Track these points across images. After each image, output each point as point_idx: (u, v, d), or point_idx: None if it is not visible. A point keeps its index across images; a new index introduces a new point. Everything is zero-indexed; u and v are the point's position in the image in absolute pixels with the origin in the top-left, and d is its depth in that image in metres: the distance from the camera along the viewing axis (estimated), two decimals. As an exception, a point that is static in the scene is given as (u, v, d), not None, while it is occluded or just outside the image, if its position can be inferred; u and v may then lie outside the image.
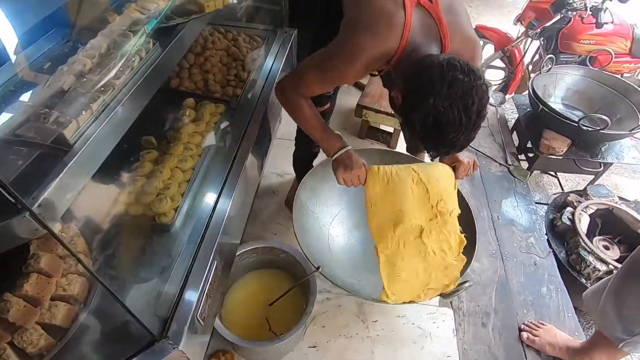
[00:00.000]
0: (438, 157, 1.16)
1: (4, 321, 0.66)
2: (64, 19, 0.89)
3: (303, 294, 1.26)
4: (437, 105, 0.73)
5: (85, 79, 0.80)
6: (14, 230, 0.57)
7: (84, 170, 0.69)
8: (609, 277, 1.18)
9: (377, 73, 1.05)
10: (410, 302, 1.08)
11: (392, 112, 1.83)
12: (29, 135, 0.66)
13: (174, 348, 0.70)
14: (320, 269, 1.12)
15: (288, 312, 1.22)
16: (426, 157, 1.81)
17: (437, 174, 1.09)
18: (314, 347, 1.29)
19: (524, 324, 1.40)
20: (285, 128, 2.05)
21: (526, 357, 1.34)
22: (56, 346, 0.69)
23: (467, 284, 1.10)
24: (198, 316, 0.77)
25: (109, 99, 0.77)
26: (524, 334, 1.37)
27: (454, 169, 1.13)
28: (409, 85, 0.81)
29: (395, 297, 1.05)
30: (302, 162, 1.60)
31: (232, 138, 1.11)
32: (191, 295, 0.77)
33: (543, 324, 1.39)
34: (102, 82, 0.81)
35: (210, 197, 0.95)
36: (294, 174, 1.74)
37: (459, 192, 1.35)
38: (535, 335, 1.35)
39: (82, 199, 0.78)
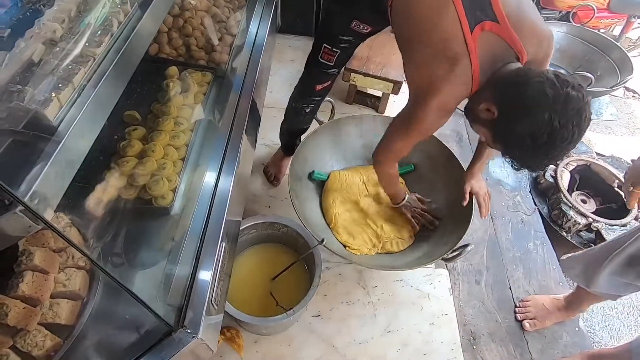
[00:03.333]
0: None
1: (2, 326, 0.60)
2: (16, -23, 0.75)
3: (305, 266, 1.26)
4: (553, 121, 0.72)
5: (57, 48, 0.69)
6: (3, 229, 0.50)
7: (74, 154, 0.61)
8: (583, 251, 1.25)
9: None
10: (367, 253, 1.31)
11: (381, 76, 1.77)
12: (2, 118, 0.57)
13: (193, 337, 0.67)
14: (324, 242, 1.11)
15: (291, 285, 1.22)
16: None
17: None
18: (318, 315, 1.30)
19: (516, 310, 1.41)
20: (271, 96, 1.95)
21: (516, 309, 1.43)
22: (64, 345, 0.65)
23: (469, 248, 1.13)
24: (212, 301, 0.74)
25: (91, 71, 0.67)
26: (526, 324, 1.37)
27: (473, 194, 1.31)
28: (509, 100, 0.79)
29: (357, 250, 1.30)
30: (288, 133, 1.54)
31: (225, 109, 1.03)
32: (204, 280, 0.74)
33: (526, 300, 1.42)
34: (78, 51, 0.71)
35: (209, 175, 0.88)
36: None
37: (454, 157, 1.37)
38: (532, 318, 1.36)
39: (70, 185, 0.71)
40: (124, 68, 0.73)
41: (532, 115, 0.74)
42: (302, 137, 1.49)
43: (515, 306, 1.42)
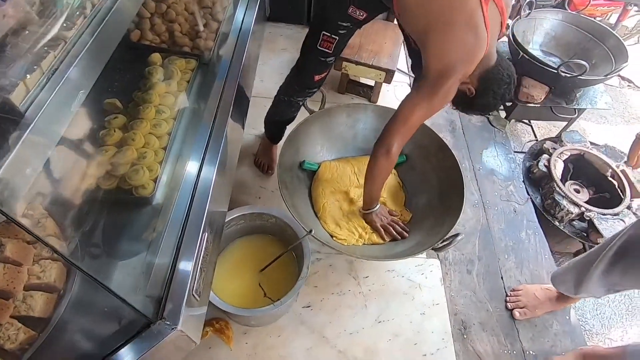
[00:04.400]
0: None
1: (-28, 319, 0.58)
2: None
3: (294, 258, 1.24)
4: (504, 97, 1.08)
5: (27, 32, 0.66)
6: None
7: (43, 142, 0.59)
8: (572, 260, 1.24)
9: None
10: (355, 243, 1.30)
11: (373, 64, 1.74)
12: (-35, 104, 0.55)
13: (172, 329, 0.65)
14: (312, 232, 1.09)
15: (280, 277, 1.20)
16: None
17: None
18: (308, 306, 1.29)
19: (507, 299, 1.41)
20: (262, 85, 1.92)
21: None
22: (39, 338, 0.63)
23: (459, 237, 1.11)
24: (194, 292, 0.73)
25: (61, 56, 0.64)
26: (516, 313, 1.36)
27: None
28: (486, 92, 1.06)
29: (344, 240, 1.28)
30: (277, 124, 1.53)
31: (209, 97, 1.00)
32: (184, 271, 0.72)
33: (518, 289, 1.42)
34: (50, 36, 0.68)
35: (192, 164, 0.86)
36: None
37: (447, 147, 1.35)
38: (522, 307, 1.36)
39: (45, 174, 0.69)
40: (98, 52, 0.70)
41: (497, 96, 1.06)
42: (292, 125, 1.47)
43: (507, 295, 1.42)
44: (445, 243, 1.13)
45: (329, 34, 1.14)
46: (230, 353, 1.17)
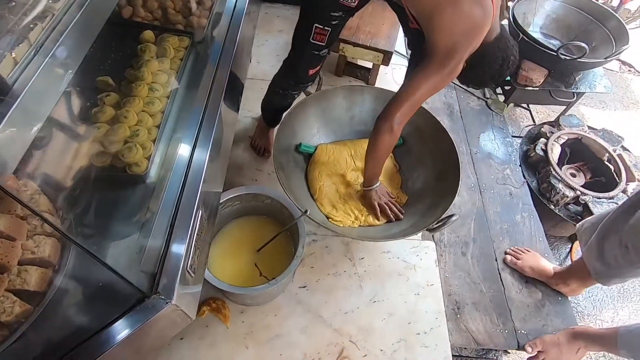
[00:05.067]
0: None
1: (-33, 292, 0.59)
2: None
3: (290, 238, 1.25)
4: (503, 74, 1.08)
5: (13, 3, 0.65)
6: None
7: (32, 116, 0.58)
8: (606, 211, 1.24)
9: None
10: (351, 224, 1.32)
11: (370, 46, 1.72)
12: (-47, 76, 0.54)
13: (166, 303, 0.66)
14: (308, 212, 1.10)
15: (276, 257, 1.21)
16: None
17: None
18: (304, 287, 1.31)
19: (510, 249, 1.50)
20: (258, 67, 1.90)
21: (501, 279, 1.44)
22: (35, 312, 0.64)
23: (454, 218, 1.12)
24: (188, 268, 0.73)
25: (49, 28, 0.63)
26: (507, 257, 1.46)
27: None
28: (478, 67, 1.04)
29: (340, 222, 1.30)
30: (273, 111, 1.52)
31: (202, 76, 0.99)
32: (178, 248, 0.72)
33: (528, 250, 1.48)
34: (39, 8, 0.67)
35: (186, 143, 0.85)
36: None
37: (444, 130, 1.34)
38: (518, 259, 1.44)
39: (37, 151, 0.69)
40: (87, 26, 0.69)
41: (486, 74, 1.06)
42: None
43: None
44: (439, 224, 1.14)
45: (321, 26, 1.11)
46: (227, 332, 1.19)
